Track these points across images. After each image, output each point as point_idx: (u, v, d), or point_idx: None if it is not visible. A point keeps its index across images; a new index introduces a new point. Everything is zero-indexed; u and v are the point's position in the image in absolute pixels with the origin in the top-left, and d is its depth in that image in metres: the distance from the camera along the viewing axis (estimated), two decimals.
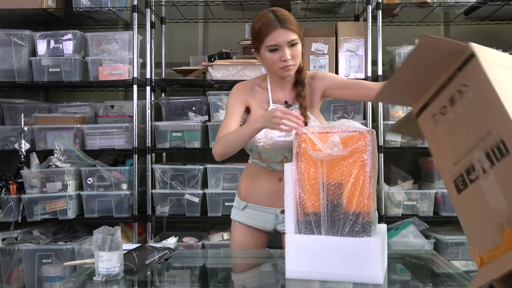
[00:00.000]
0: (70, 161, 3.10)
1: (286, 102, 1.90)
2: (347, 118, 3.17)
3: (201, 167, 3.15)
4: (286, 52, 1.79)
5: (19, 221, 3.03)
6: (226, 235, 3.13)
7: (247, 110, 1.96)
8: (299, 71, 1.90)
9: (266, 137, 1.84)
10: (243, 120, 1.98)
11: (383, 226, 1.56)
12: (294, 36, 1.79)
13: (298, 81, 1.90)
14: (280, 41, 1.78)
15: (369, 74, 3.15)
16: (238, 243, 2.00)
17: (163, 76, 3.51)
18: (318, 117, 1.93)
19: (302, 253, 1.43)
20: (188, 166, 3.17)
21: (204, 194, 3.12)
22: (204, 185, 3.19)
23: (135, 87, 3.13)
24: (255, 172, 1.97)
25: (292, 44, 1.80)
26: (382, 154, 3.11)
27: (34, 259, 3.01)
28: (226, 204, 3.10)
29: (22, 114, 3.15)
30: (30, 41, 3.23)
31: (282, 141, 1.83)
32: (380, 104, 3.11)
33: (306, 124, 1.81)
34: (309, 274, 1.43)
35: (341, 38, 3.19)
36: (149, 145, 3.19)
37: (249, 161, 2.03)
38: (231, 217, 2.05)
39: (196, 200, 3.12)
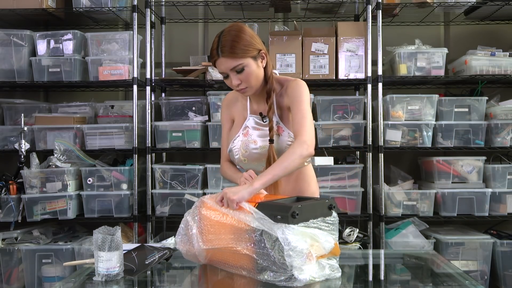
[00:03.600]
0: (70, 161, 3.10)
1: (261, 114, 1.90)
2: (347, 118, 3.18)
3: (201, 167, 3.15)
4: (233, 79, 1.77)
5: (19, 221, 3.03)
6: None
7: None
8: (266, 81, 1.84)
9: (242, 149, 1.88)
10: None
11: None
12: (236, 62, 1.74)
13: (267, 92, 1.86)
14: (223, 69, 1.77)
15: (369, 74, 3.15)
16: None
17: (163, 76, 3.51)
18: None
19: None
20: (188, 166, 3.17)
21: (204, 194, 3.12)
22: (204, 185, 3.19)
23: (135, 87, 3.13)
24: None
25: (237, 70, 1.75)
26: (382, 154, 3.11)
27: (34, 259, 3.01)
28: None
29: (22, 114, 3.16)
30: (30, 41, 3.24)
31: (257, 153, 1.85)
32: (380, 104, 3.11)
33: (271, 141, 1.79)
34: None
35: (341, 38, 3.19)
36: (149, 145, 3.19)
37: None
38: None
39: (196, 200, 3.11)
